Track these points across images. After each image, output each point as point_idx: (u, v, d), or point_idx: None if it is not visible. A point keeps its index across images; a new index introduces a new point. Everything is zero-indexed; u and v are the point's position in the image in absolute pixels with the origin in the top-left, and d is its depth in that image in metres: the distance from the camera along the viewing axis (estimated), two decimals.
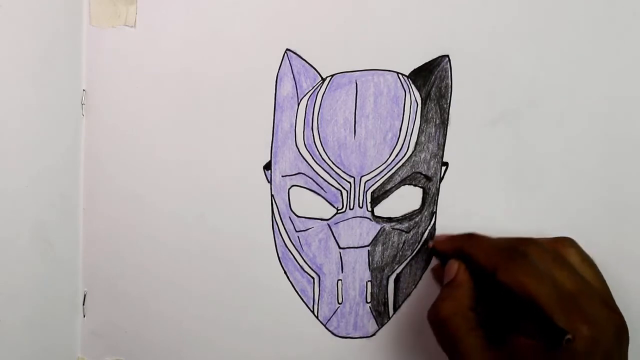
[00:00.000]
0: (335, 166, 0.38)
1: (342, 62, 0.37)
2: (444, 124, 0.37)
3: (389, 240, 0.38)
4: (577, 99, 0.36)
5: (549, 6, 0.35)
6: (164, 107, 0.39)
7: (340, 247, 0.38)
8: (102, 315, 0.41)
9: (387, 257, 0.38)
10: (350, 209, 0.38)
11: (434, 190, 0.37)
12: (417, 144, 0.37)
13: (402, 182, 0.38)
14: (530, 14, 0.36)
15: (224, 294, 0.39)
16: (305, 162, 0.38)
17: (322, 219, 0.38)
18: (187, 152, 0.39)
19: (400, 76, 0.37)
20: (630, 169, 0.35)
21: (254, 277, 0.39)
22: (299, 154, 0.38)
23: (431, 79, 0.37)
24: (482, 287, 0.32)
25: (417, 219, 0.38)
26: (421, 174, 0.37)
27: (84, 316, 0.41)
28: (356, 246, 0.38)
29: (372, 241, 0.38)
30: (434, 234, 0.38)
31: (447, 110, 0.37)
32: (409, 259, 0.38)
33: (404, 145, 0.37)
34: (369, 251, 0.38)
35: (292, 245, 0.39)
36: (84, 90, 0.40)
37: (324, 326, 0.39)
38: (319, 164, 0.38)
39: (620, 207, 0.36)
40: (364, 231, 0.38)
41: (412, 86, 0.37)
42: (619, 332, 0.29)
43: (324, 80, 0.38)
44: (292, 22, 0.38)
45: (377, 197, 0.38)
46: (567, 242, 0.33)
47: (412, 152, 0.37)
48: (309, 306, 0.39)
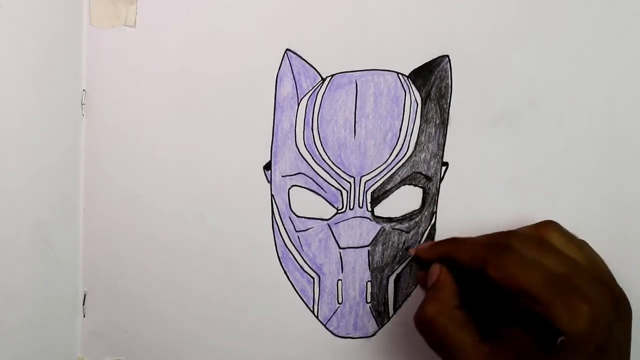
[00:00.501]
0: (335, 166, 0.38)
1: (342, 62, 0.37)
2: (444, 124, 0.37)
3: (389, 240, 0.38)
4: (577, 99, 0.36)
5: (549, 6, 0.35)
6: (164, 107, 0.39)
7: (340, 247, 0.38)
8: (102, 315, 0.41)
9: (387, 257, 0.38)
10: (350, 209, 0.38)
11: (434, 190, 0.37)
12: (417, 144, 0.37)
13: (402, 182, 0.38)
14: (530, 14, 0.36)
15: (224, 294, 0.39)
16: (305, 162, 0.38)
17: (322, 219, 0.38)
18: (187, 152, 0.39)
19: (400, 76, 0.37)
20: (630, 169, 0.35)
21: (254, 277, 0.39)
22: (299, 154, 0.38)
23: (431, 79, 0.37)
24: (472, 286, 0.32)
25: (417, 219, 0.38)
26: (421, 174, 0.37)
27: (84, 316, 0.41)
28: (356, 246, 0.38)
29: (372, 241, 0.38)
30: (434, 234, 0.38)
31: (447, 110, 0.37)
32: (409, 259, 0.38)
33: (404, 145, 0.37)
34: (369, 251, 0.38)
35: (292, 245, 0.39)
36: (84, 90, 0.40)
37: (324, 326, 0.39)
38: (319, 164, 0.38)
39: (620, 207, 0.36)
40: (364, 231, 0.38)
41: (412, 86, 0.37)
42: (616, 304, 0.29)
43: (324, 80, 0.38)
44: (292, 22, 0.38)
45: (377, 197, 0.38)
46: (549, 226, 0.33)
47: (412, 152, 0.37)
48: (309, 306, 0.39)
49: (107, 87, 0.40)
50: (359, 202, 0.38)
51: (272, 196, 0.39)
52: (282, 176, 0.38)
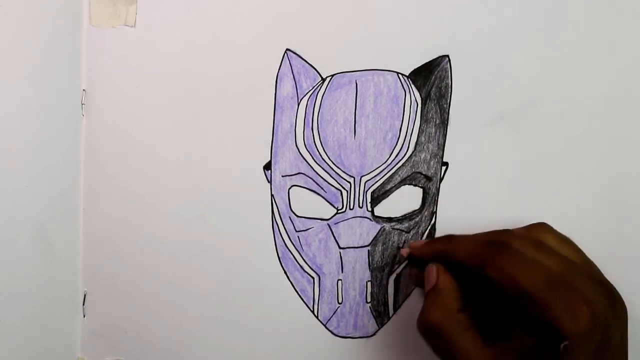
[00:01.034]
0: (335, 166, 0.38)
1: (342, 62, 0.37)
2: (444, 124, 0.37)
3: (389, 240, 0.38)
4: (577, 99, 0.36)
5: (549, 6, 0.35)
6: (164, 107, 0.39)
7: (340, 247, 0.38)
8: (102, 315, 0.41)
9: (387, 257, 0.38)
10: (350, 209, 0.38)
11: (434, 190, 0.37)
12: (417, 144, 0.37)
13: (402, 182, 0.38)
14: (530, 14, 0.36)
15: (224, 294, 0.39)
16: (305, 162, 0.38)
17: (322, 219, 0.38)
18: (187, 152, 0.39)
19: (400, 76, 0.37)
20: (630, 169, 0.35)
21: (254, 277, 0.39)
22: (299, 154, 0.38)
23: (431, 79, 0.37)
24: (469, 286, 0.32)
25: (417, 219, 0.38)
26: (421, 174, 0.37)
27: (84, 316, 0.41)
28: (356, 246, 0.38)
29: (372, 241, 0.38)
30: (434, 234, 0.38)
31: (447, 110, 0.37)
32: (404, 261, 0.38)
33: (404, 145, 0.37)
34: (369, 251, 0.38)
35: (292, 245, 0.39)
36: (84, 90, 0.40)
37: (324, 326, 0.39)
38: (319, 164, 0.38)
39: (620, 207, 0.36)
40: (364, 231, 0.38)
41: (412, 86, 0.37)
42: (612, 302, 0.29)
43: (324, 80, 0.38)
44: (292, 22, 0.38)
45: (377, 197, 0.38)
46: (542, 227, 0.33)
47: (412, 152, 0.37)
48: (309, 306, 0.39)
49: (107, 87, 0.40)
50: (359, 202, 0.38)
51: (272, 196, 0.39)
52: (282, 176, 0.38)
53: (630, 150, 0.35)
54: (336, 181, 0.38)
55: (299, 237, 0.39)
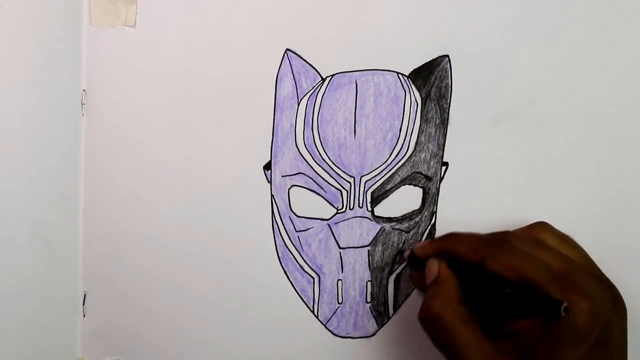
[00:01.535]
0: (335, 166, 0.38)
1: (342, 62, 0.37)
2: (444, 124, 0.37)
3: (389, 240, 0.38)
4: (577, 99, 0.36)
5: (549, 6, 0.35)
6: (164, 107, 0.39)
7: (340, 247, 0.38)
8: (102, 315, 0.41)
9: (387, 257, 0.38)
10: (350, 209, 0.38)
11: (434, 190, 0.37)
12: (417, 144, 0.37)
13: (402, 182, 0.38)
14: (530, 14, 0.36)
15: (224, 294, 0.39)
16: (305, 162, 0.38)
17: (322, 219, 0.38)
18: (187, 152, 0.39)
19: (400, 76, 0.37)
20: (630, 169, 0.35)
21: (254, 277, 0.39)
22: (299, 154, 0.38)
23: (431, 79, 0.37)
24: (469, 283, 0.32)
25: (417, 219, 0.38)
26: (421, 174, 0.37)
27: (84, 316, 0.41)
28: (356, 246, 0.38)
29: (372, 241, 0.38)
30: (434, 234, 0.38)
31: (447, 110, 0.37)
32: (404, 263, 0.38)
33: (404, 145, 0.37)
34: (369, 251, 0.38)
35: (292, 245, 0.39)
36: (84, 90, 0.40)
37: (324, 326, 0.39)
38: (319, 164, 0.38)
39: (620, 207, 0.36)
40: (364, 231, 0.38)
41: (412, 86, 0.37)
42: (615, 302, 0.29)
43: (324, 80, 0.38)
44: (292, 22, 0.38)
45: (377, 197, 0.38)
46: (541, 226, 0.33)
47: (412, 152, 0.37)
48: (309, 306, 0.39)
49: (107, 87, 0.40)
50: (359, 202, 0.38)
51: (272, 196, 0.39)
52: (282, 176, 0.38)
53: (630, 150, 0.35)
54: (336, 181, 0.38)
55: (299, 237, 0.39)
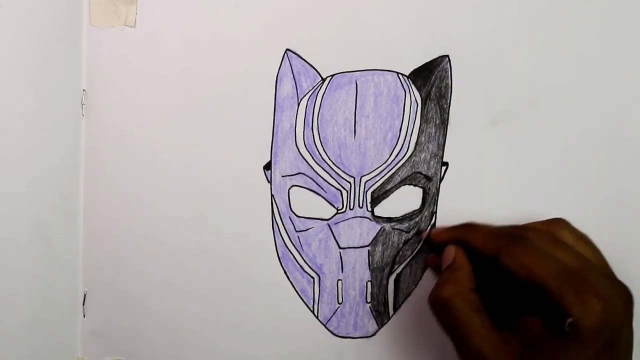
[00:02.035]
0: (335, 166, 0.38)
1: (342, 62, 0.37)
2: (444, 124, 0.37)
3: (389, 240, 0.38)
4: (577, 99, 0.36)
5: (549, 6, 0.35)
6: (164, 107, 0.39)
7: (340, 247, 0.38)
8: (102, 315, 0.41)
9: (387, 257, 0.38)
10: (350, 209, 0.38)
11: (434, 190, 0.37)
12: (417, 144, 0.37)
13: (402, 182, 0.38)
14: (530, 14, 0.36)
15: (224, 294, 0.39)
16: (305, 162, 0.38)
17: (322, 219, 0.38)
18: (187, 152, 0.39)
19: (400, 76, 0.37)
20: (630, 169, 0.35)
21: (254, 277, 0.39)
22: (299, 154, 0.38)
23: (431, 79, 0.37)
24: (483, 274, 0.32)
25: (417, 219, 0.38)
26: (421, 174, 0.37)
27: (84, 316, 0.41)
28: (356, 246, 0.38)
29: (372, 241, 0.38)
30: None
31: (447, 110, 0.37)
32: (409, 259, 0.38)
33: (404, 145, 0.37)
34: (369, 251, 0.38)
35: (292, 245, 0.39)
36: (84, 90, 0.40)
37: (324, 326, 0.39)
38: (319, 164, 0.38)
39: (620, 207, 0.36)
40: (364, 231, 0.38)
41: (412, 86, 0.37)
42: (627, 303, 0.29)
43: (324, 80, 0.38)
44: (292, 22, 0.38)
45: (377, 197, 0.38)
46: (560, 223, 0.33)
47: (412, 152, 0.37)
48: (309, 306, 0.39)
49: (107, 87, 0.40)
50: (359, 202, 0.38)
51: (272, 196, 0.39)
52: (282, 176, 0.38)
53: (630, 150, 0.35)
54: (336, 181, 0.38)
55: (299, 237, 0.39)
